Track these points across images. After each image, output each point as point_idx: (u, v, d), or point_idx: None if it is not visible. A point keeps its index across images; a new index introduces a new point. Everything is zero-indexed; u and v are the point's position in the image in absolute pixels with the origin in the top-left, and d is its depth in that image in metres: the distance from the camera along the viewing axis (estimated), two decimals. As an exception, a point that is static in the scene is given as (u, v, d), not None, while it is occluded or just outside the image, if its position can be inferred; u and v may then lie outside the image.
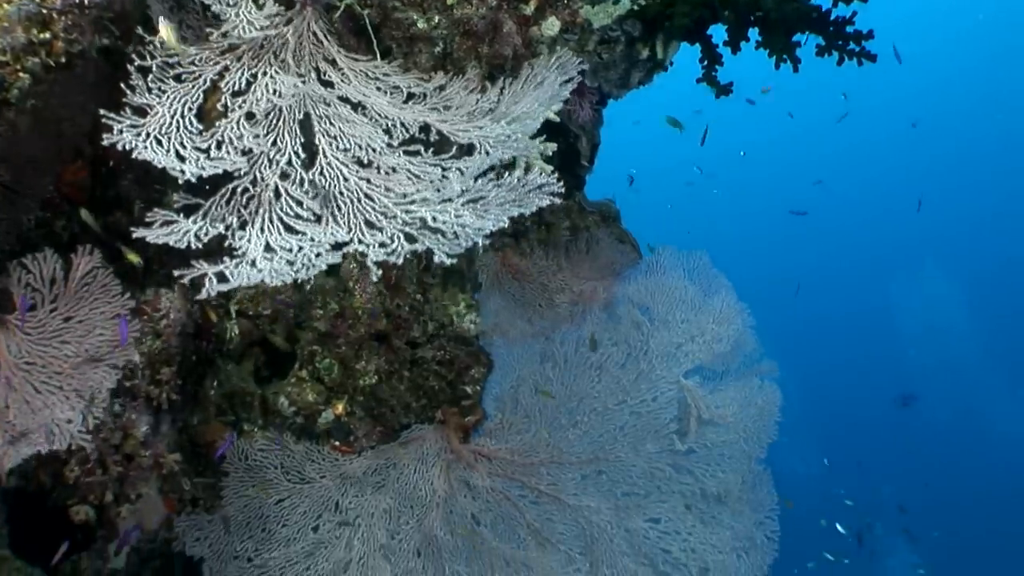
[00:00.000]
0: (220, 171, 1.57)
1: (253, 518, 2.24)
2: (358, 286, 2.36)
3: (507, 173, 1.64)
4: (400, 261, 1.52)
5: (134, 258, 2.13)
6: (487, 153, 1.66)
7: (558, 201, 1.66)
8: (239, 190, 1.59)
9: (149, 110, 1.58)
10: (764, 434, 2.28)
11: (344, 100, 1.70)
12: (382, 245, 1.54)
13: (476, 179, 1.61)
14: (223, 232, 1.55)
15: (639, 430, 2.32)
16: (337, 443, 2.35)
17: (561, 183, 1.67)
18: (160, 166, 1.53)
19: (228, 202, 1.59)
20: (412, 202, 1.60)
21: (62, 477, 2.04)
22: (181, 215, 1.55)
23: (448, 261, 1.54)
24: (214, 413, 2.39)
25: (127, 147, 1.52)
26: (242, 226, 1.55)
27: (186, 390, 2.21)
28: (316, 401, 2.30)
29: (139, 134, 1.53)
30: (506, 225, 2.48)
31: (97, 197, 2.03)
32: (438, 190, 1.59)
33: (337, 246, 1.55)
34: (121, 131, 1.53)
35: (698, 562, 2.25)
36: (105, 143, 1.54)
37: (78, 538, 2.36)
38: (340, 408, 2.33)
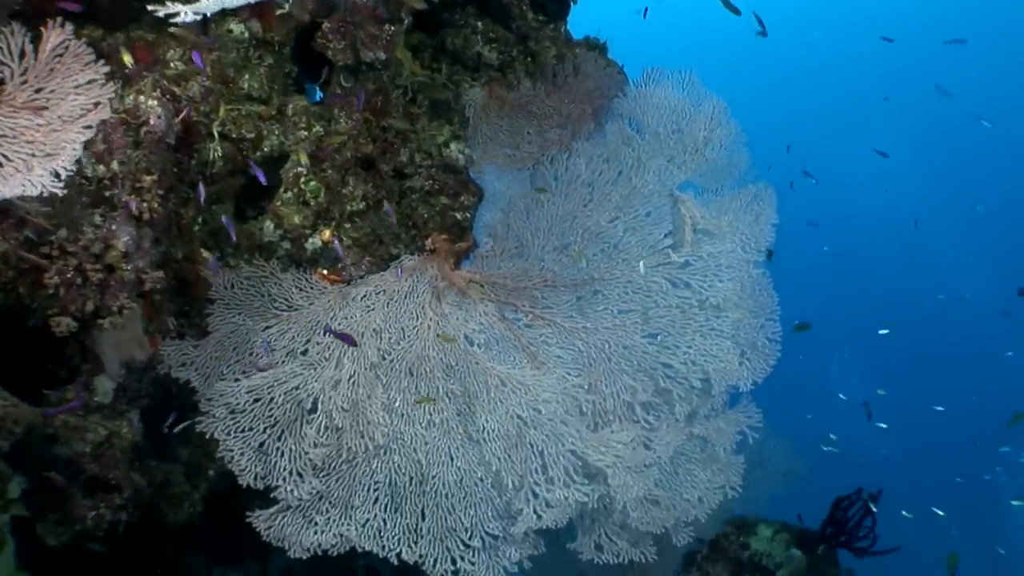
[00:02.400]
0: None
1: (240, 343, 2.19)
2: (343, 113, 2.32)
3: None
4: None
5: (127, 58, 2.09)
6: None
7: None
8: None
9: None
10: (762, 238, 2.23)
11: None
12: None
13: None
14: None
15: (634, 246, 2.27)
16: (325, 271, 2.30)
17: None
18: None
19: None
20: None
21: (41, 285, 1.98)
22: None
23: None
24: (199, 249, 2.34)
25: None
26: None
27: (168, 208, 2.16)
28: (302, 224, 2.25)
29: None
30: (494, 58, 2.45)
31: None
32: None
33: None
34: None
35: (699, 373, 2.19)
36: None
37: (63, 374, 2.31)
38: (327, 234, 2.28)
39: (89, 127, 1.70)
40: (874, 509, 2.85)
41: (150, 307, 2.35)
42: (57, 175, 1.63)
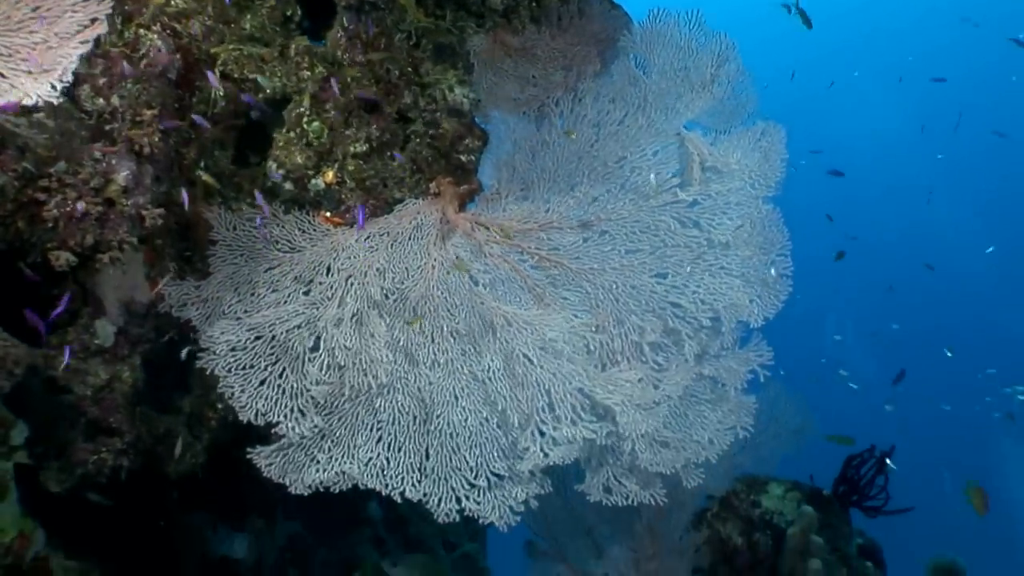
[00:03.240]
0: None
1: (242, 284, 2.16)
2: (346, 55, 2.29)
3: None
4: None
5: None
6: None
7: None
8: None
9: None
10: (771, 174, 2.18)
11: None
12: None
13: None
14: None
15: (641, 186, 2.23)
16: (328, 214, 2.27)
17: None
18: None
19: None
20: None
21: (40, 219, 1.96)
22: None
23: None
24: (201, 194, 2.32)
25: None
26: None
27: (169, 145, 2.14)
28: (305, 165, 2.22)
29: None
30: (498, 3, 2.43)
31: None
32: None
33: None
34: None
35: (708, 311, 2.15)
36: None
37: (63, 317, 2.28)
38: (330, 176, 2.25)
39: (86, 42, 1.68)
40: (894, 468, 2.79)
41: (151, 252, 2.32)
42: (54, 87, 1.61)
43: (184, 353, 2.16)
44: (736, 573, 2.76)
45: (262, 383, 2.02)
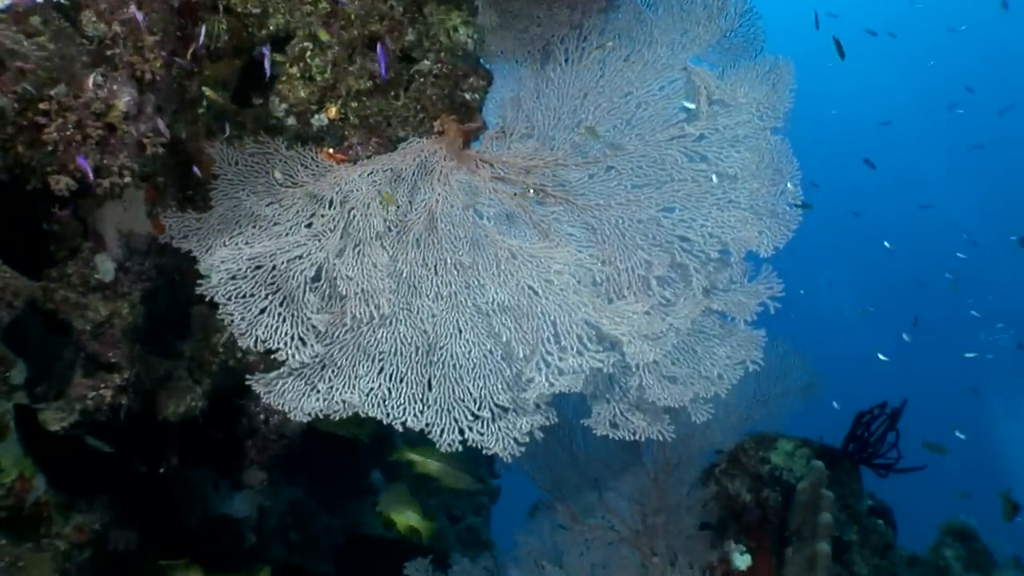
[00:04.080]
0: None
1: (243, 217, 2.13)
2: (349, -8, 2.28)
3: None
4: None
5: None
6: None
7: None
8: None
9: None
10: (780, 105, 2.15)
11: None
12: None
13: None
14: None
15: (647, 121, 2.21)
16: (331, 150, 2.25)
17: None
18: None
19: None
20: None
21: (40, 143, 1.94)
22: None
23: None
24: (203, 132, 2.30)
25: None
26: None
27: (171, 75, 2.12)
28: (308, 99, 2.20)
29: None
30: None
31: None
32: None
33: None
34: None
35: (716, 244, 2.12)
36: None
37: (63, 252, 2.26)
38: (333, 111, 2.23)
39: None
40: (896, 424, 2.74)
41: (153, 190, 2.30)
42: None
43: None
44: (745, 530, 2.71)
45: (262, 311, 1.99)
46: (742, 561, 2.68)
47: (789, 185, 2.09)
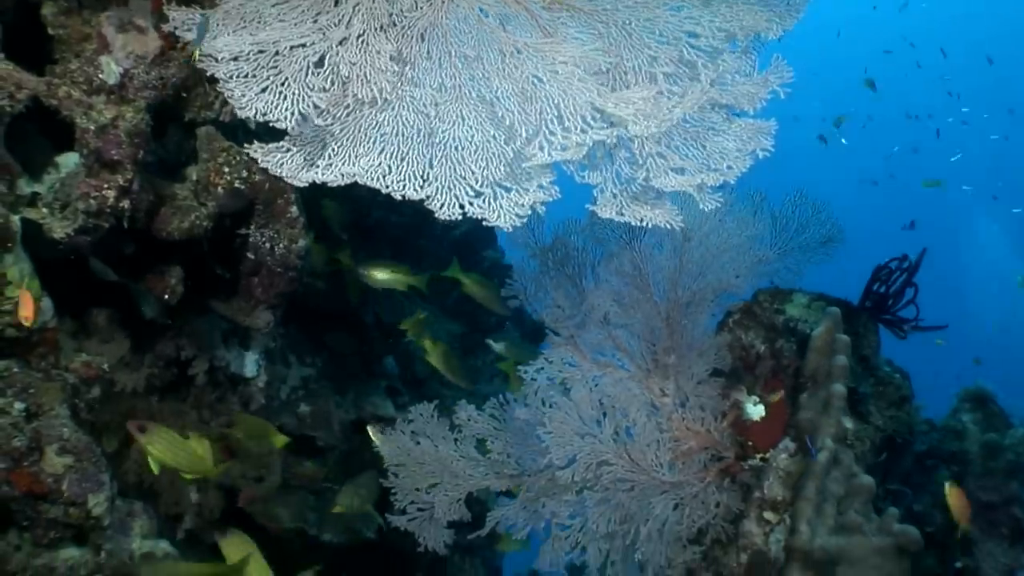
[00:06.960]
0: None
1: (248, 14, 2.12)
2: None
3: None
4: None
5: None
6: None
7: None
8: None
9: None
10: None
11: None
12: None
13: None
14: None
15: (655, -77, 2.17)
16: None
17: None
18: None
19: None
20: None
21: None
22: None
23: None
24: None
25: None
26: None
27: None
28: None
29: None
30: None
31: None
32: None
33: None
34: None
35: (724, 36, 2.07)
36: None
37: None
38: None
39: None
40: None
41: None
42: None
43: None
44: (759, 380, 2.64)
45: (264, 90, 1.97)
46: (755, 412, 2.60)
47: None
